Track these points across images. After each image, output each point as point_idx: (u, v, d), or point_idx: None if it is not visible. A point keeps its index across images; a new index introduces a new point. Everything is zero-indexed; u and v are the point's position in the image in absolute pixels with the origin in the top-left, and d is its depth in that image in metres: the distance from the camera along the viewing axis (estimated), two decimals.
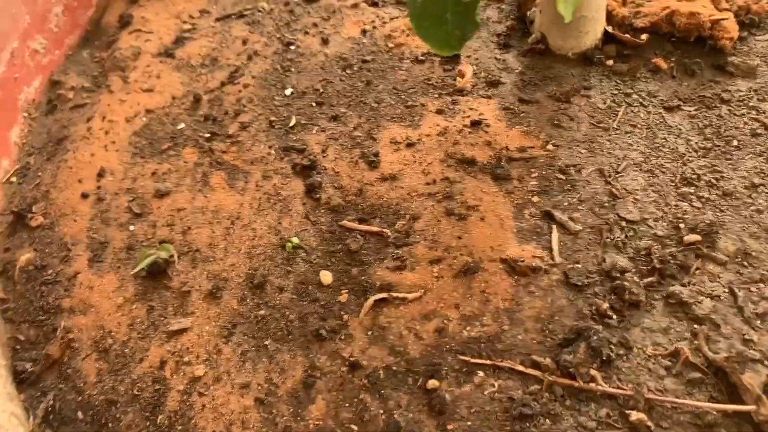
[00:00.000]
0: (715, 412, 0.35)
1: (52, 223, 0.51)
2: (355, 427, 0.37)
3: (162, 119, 0.56)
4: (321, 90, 0.55)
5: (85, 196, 0.52)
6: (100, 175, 0.53)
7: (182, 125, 0.55)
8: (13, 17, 0.58)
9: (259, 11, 0.63)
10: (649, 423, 0.35)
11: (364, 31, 0.59)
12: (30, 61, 0.60)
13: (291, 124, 0.53)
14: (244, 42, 0.60)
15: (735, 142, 0.46)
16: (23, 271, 0.49)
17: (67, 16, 0.64)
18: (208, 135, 0.54)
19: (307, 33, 0.60)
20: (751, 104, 0.47)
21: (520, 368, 0.38)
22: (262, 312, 0.43)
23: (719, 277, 0.40)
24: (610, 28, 0.52)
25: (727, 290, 0.40)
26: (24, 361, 0.44)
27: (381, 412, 0.38)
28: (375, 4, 0.62)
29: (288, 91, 0.56)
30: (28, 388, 0.43)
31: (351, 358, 0.40)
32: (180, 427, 0.39)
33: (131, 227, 0.49)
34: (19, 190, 0.54)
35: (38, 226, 0.51)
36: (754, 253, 0.41)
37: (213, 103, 0.56)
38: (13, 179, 0.55)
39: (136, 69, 0.60)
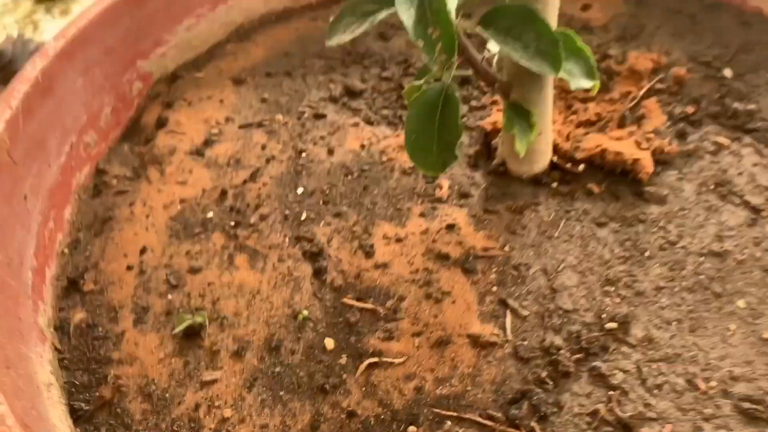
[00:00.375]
0: None
1: (101, 289, 0.61)
2: None
3: (194, 208, 0.68)
4: (327, 191, 0.68)
5: (129, 268, 0.63)
6: (142, 251, 0.64)
7: (211, 214, 0.67)
8: (75, 118, 0.71)
9: (276, 123, 0.77)
10: None
11: (362, 146, 0.73)
12: (83, 152, 0.72)
13: (302, 218, 0.66)
14: (263, 147, 0.74)
15: (647, 253, 0.60)
16: (77, 328, 0.59)
17: (113, 115, 0.77)
18: (233, 223, 0.66)
19: (315, 144, 0.73)
20: (660, 224, 0.62)
21: (479, 419, 0.50)
22: (277, 369, 0.54)
23: (629, 356, 0.53)
24: (555, 159, 0.67)
25: (634, 366, 0.52)
26: (79, 401, 0.54)
27: None
28: (371, 124, 0.76)
29: (299, 191, 0.68)
30: (83, 423, 0.53)
31: (348, 408, 0.51)
32: None
33: (169, 296, 0.60)
34: (71, 260, 0.65)
35: (89, 291, 0.62)
36: (655, 339, 0.54)
37: (237, 197, 0.68)
38: (66, 251, 0.66)
39: (171, 164, 0.73)
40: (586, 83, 0.56)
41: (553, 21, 0.57)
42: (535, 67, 0.50)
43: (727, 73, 0.76)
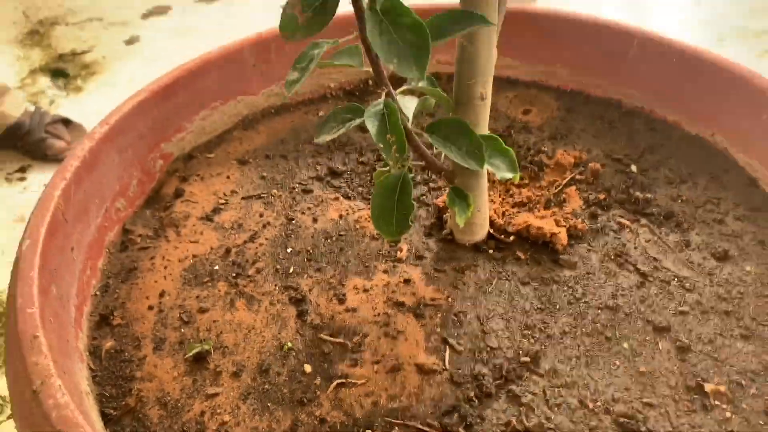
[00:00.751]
0: None
1: (127, 323, 0.77)
2: None
3: (203, 262, 0.85)
4: (311, 251, 0.85)
5: (150, 308, 0.79)
6: (161, 295, 0.80)
7: (217, 267, 0.84)
8: (110, 188, 0.88)
9: (272, 196, 0.95)
10: None
11: (341, 216, 0.90)
12: (114, 215, 0.89)
13: (290, 272, 0.82)
14: (261, 215, 0.91)
15: (557, 306, 0.76)
16: (107, 353, 0.74)
17: (139, 186, 0.94)
18: (234, 275, 0.82)
19: (303, 213, 0.91)
20: (569, 284, 0.79)
21: (419, 426, 0.65)
22: (266, 386, 0.69)
23: (537, 383, 0.69)
24: (492, 231, 0.85)
25: (541, 390, 0.68)
26: (108, 408, 0.68)
27: None
28: (349, 198, 0.94)
29: (289, 250, 0.85)
30: (112, 425, 0.67)
31: (320, 416, 0.66)
32: None
33: (182, 330, 0.76)
34: (102, 300, 0.80)
35: (117, 324, 0.77)
36: (558, 371, 0.70)
37: (238, 254, 0.85)
38: (98, 293, 0.82)
39: (186, 227, 0.90)
40: (509, 174, 0.74)
41: (484, 128, 0.76)
42: (465, 164, 0.68)
43: (634, 168, 0.96)
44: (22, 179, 1.81)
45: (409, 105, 0.77)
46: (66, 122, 1.90)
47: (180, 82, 0.98)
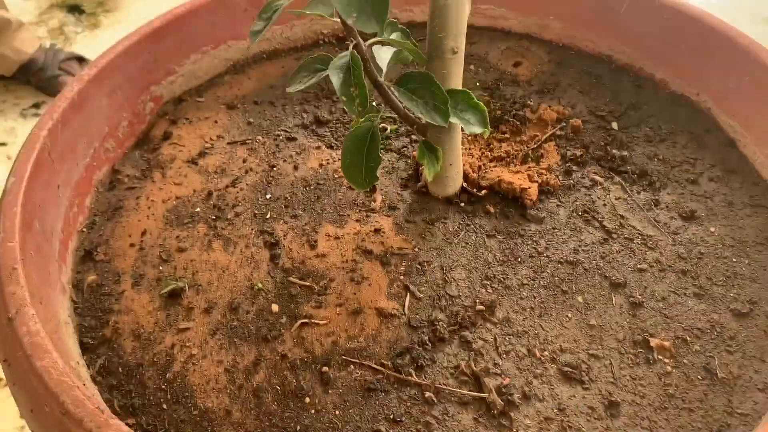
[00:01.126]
0: (468, 396, 0.66)
1: (110, 259, 0.81)
2: (278, 387, 0.67)
3: (186, 204, 0.88)
4: (288, 198, 0.88)
5: (132, 245, 0.83)
6: (143, 233, 0.84)
7: (198, 209, 0.87)
8: (99, 128, 0.91)
9: (256, 142, 0.97)
10: (435, 399, 0.66)
11: (321, 165, 0.93)
12: (103, 155, 0.92)
13: (267, 217, 0.86)
14: (244, 161, 0.94)
15: (519, 259, 0.79)
16: (89, 286, 0.79)
17: (128, 128, 0.97)
18: (214, 217, 0.86)
19: (285, 161, 0.93)
20: (534, 239, 0.81)
21: (374, 366, 0.69)
22: (234, 323, 0.74)
23: (490, 331, 0.72)
24: (465, 185, 0.87)
25: (493, 338, 0.72)
26: (87, 338, 0.73)
27: (294, 381, 0.68)
28: (331, 148, 0.96)
29: (268, 196, 0.88)
30: (89, 353, 0.72)
31: (282, 352, 0.70)
32: (179, 381, 0.69)
33: (160, 267, 0.80)
34: (88, 237, 0.85)
35: (100, 260, 0.82)
36: (512, 320, 0.73)
37: (219, 198, 0.89)
38: (84, 229, 0.86)
39: (172, 169, 0.93)
40: (478, 129, 0.75)
41: (457, 82, 0.77)
42: (430, 119, 0.70)
43: (615, 125, 0.96)
44: (36, 115, 1.86)
45: (383, 56, 0.78)
46: (80, 60, 1.93)
47: (171, 25, 1.00)
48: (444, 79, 0.75)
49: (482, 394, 0.66)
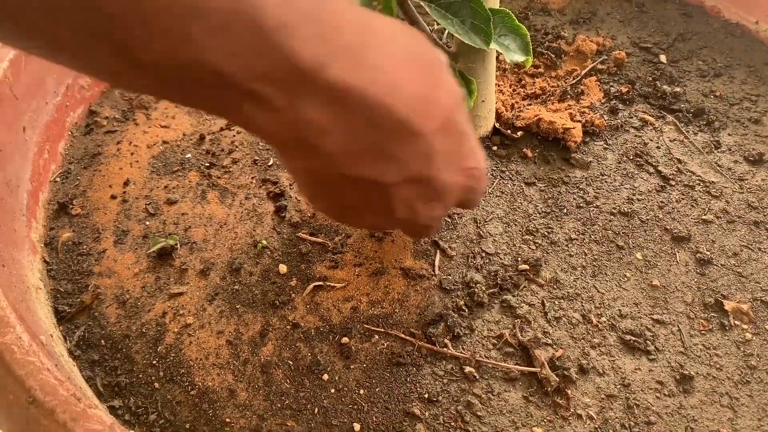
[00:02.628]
0: (516, 371, 0.56)
1: (87, 214, 0.70)
2: (290, 362, 0.57)
3: (174, 149, 0.76)
4: None
5: (113, 197, 0.71)
6: (126, 183, 0.72)
7: (189, 155, 0.75)
8: None
9: None
10: (476, 374, 0.56)
11: None
12: (77, 94, 0.80)
13: (269, 164, 0.74)
14: None
15: (565, 210, 0.68)
16: (64, 244, 0.68)
17: None
18: (208, 164, 0.74)
19: None
20: (580, 186, 0.70)
21: (401, 335, 0.59)
22: (236, 287, 0.63)
23: (536, 294, 0.62)
24: (497, 125, 0.75)
25: (539, 302, 0.61)
26: (63, 305, 0.62)
27: (309, 354, 0.58)
28: None
29: None
30: (66, 323, 0.61)
31: (294, 321, 0.60)
32: (173, 355, 0.58)
33: (147, 222, 0.69)
34: (62, 188, 0.73)
35: (77, 214, 0.70)
36: (561, 281, 0.63)
37: (213, 142, 0.77)
38: (58, 179, 0.74)
39: (157, 110, 0.81)
40: (520, 57, 0.63)
41: (494, 1, 0.65)
42: (469, 40, 0.58)
43: (663, 58, 0.85)
44: None
45: None
46: None
47: None
48: None
49: (532, 369, 0.56)
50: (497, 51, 0.65)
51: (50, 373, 0.45)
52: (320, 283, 0.62)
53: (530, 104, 0.78)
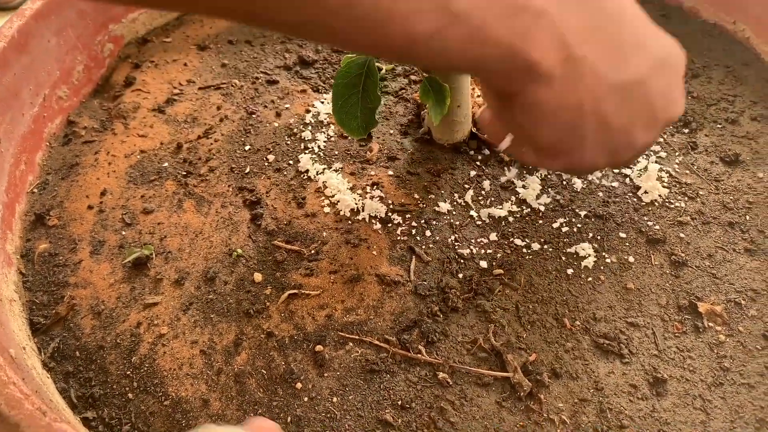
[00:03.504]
0: (489, 376, 0.56)
1: (64, 225, 0.70)
2: (264, 371, 0.57)
3: (151, 158, 0.76)
4: (271, 149, 0.76)
5: (90, 207, 0.71)
6: (103, 194, 0.72)
7: (166, 164, 0.75)
8: (48, 72, 0.78)
9: (232, 86, 0.85)
10: (450, 380, 0.56)
11: (307, 110, 0.81)
12: (55, 104, 0.80)
13: (246, 171, 0.74)
14: (218, 108, 0.82)
15: (540, 214, 0.68)
16: (40, 256, 0.67)
17: (85, 73, 0.84)
18: (185, 173, 0.74)
19: (266, 107, 0.81)
20: (556, 189, 0.70)
21: (376, 342, 0.59)
22: (211, 296, 0.63)
23: (511, 298, 0.62)
24: (474, 129, 0.76)
25: (514, 306, 0.61)
26: (38, 316, 0.62)
27: (282, 363, 0.58)
28: (318, 91, 0.84)
29: (247, 147, 0.77)
30: (41, 335, 0.61)
31: (268, 330, 0.60)
32: (147, 365, 0.58)
33: (123, 232, 0.69)
34: (39, 199, 0.73)
35: (53, 225, 0.70)
36: (535, 285, 0.63)
37: (190, 151, 0.77)
38: (35, 190, 0.74)
39: (135, 119, 0.81)
40: None
41: None
42: None
43: None
44: None
45: None
46: None
47: None
48: None
49: (505, 374, 0.56)
50: None
51: (16, 387, 0.45)
52: (295, 291, 0.62)
53: None
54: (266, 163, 0.74)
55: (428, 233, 0.67)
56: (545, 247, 0.65)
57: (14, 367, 0.48)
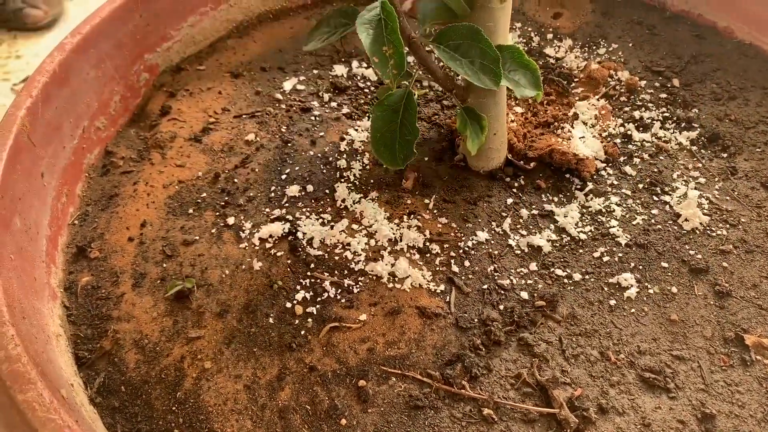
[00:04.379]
0: (535, 412, 0.56)
1: (105, 257, 0.71)
2: (308, 407, 0.57)
3: (190, 188, 0.77)
4: (307, 178, 0.77)
5: (130, 239, 0.72)
6: (143, 225, 0.73)
7: (204, 194, 0.76)
8: (87, 104, 0.80)
9: (267, 114, 0.85)
10: (495, 416, 0.56)
11: (342, 138, 0.81)
12: (94, 135, 0.81)
13: (283, 201, 0.75)
14: (254, 136, 0.82)
15: (580, 243, 0.68)
16: (83, 289, 0.68)
17: (121, 103, 0.86)
18: (223, 203, 0.75)
19: (300, 135, 0.82)
20: (596, 218, 0.70)
21: (419, 377, 0.59)
22: (253, 329, 0.63)
23: (554, 330, 0.62)
24: (510, 156, 0.75)
25: (557, 339, 0.61)
26: (83, 350, 0.63)
27: (326, 398, 0.58)
28: (351, 118, 0.85)
29: (283, 177, 0.77)
30: (86, 369, 0.62)
31: (310, 364, 0.60)
32: (192, 400, 0.59)
33: (164, 264, 0.69)
34: (81, 231, 0.74)
35: (95, 257, 0.71)
36: (578, 317, 0.62)
37: (228, 180, 0.77)
38: (76, 222, 0.75)
39: (172, 148, 0.82)
40: (531, 92, 0.63)
41: (504, 36, 0.65)
42: (478, 81, 0.58)
43: (676, 82, 0.84)
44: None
45: (420, 8, 0.66)
46: None
47: None
48: (490, 33, 0.63)
49: (551, 410, 0.55)
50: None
51: (71, 431, 0.46)
52: (336, 324, 0.62)
53: (543, 133, 0.78)
54: (303, 193, 0.74)
55: (467, 263, 0.67)
56: (587, 277, 0.65)
57: (67, 408, 0.49)
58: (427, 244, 0.68)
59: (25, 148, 0.67)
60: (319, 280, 0.66)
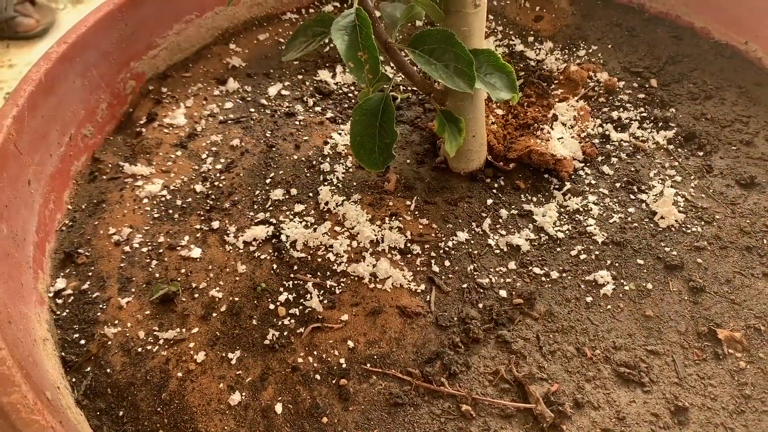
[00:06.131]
0: (512, 408, 0.57)
1: (92, 262, 0.72)
2: (290, 406, 0.58)
3: (175, 194, 0.78)
4: (291, 182, 0.78)
5: (117, 244, 0.73)
6: (129, 230, 0.74)
7: (190, 199, 0.77)
8: (73, 112, 0.81)
9: (252, 119, 0.87)
10: (473, 412, 0.57)
11: (325, 142, 0.83)
12: (81, 143, 0.82)
13: (267, 205, 0.76)
14: (239, 141, 0.83)
15: (558, 242, 0.69)
16: (71, 294, 0.70)
17: (108, 110, 0.87)
18: (208, 208, 0.76)
19: (285, 139, 0.83)
20: (573, 217, 0.71)
21: (399, 375, 0.60)
22: (236, 331, 0.64)
23: (531, 327, 0.63)
24: (490, 158, 0.77)
25: (534, 336, 0.62)
26: (70, 354, 0.64)
27: (308, 397, 0.59)
28: (336, 122, 0.86)
29: (268, 181, 0.78)
30: (73, 372, 0.63)
31: (293, 364, 0.61)
32: (177, 402, 0.60)
33: (149, 269, 0.70)
34: (68, 237, 0.75)
35: (82, 263, 0.72)
36: (555, 314, 0.64)
37: (213, 185, 0.78)
38: (64, 228, 0.76)
39: (158, 155, 0.83)
40: (506, 95, 0.65)
41: (479, 40, 0.67)
42: (453, 84, 0.59)
43: (654, 82, 0.86)
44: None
45: (394, 13, 0.68)
46: (32, 2, 1.86)
47: None
48: (465, 38, 0.64)
49: (528, 405, 0.57)
50: None
51: None
52: (318, 324, 0.64)
53: (522, 135, 0.79)
54: (287, 196, 0.76)
55: (447, 263, 0.68)
56: (564, 275, 0.66)
57: (52, 410, 0.50)
58: (408, 244, 0.69)
59: (11, 156, 0.69)
60: (302, 282, 0.67)
